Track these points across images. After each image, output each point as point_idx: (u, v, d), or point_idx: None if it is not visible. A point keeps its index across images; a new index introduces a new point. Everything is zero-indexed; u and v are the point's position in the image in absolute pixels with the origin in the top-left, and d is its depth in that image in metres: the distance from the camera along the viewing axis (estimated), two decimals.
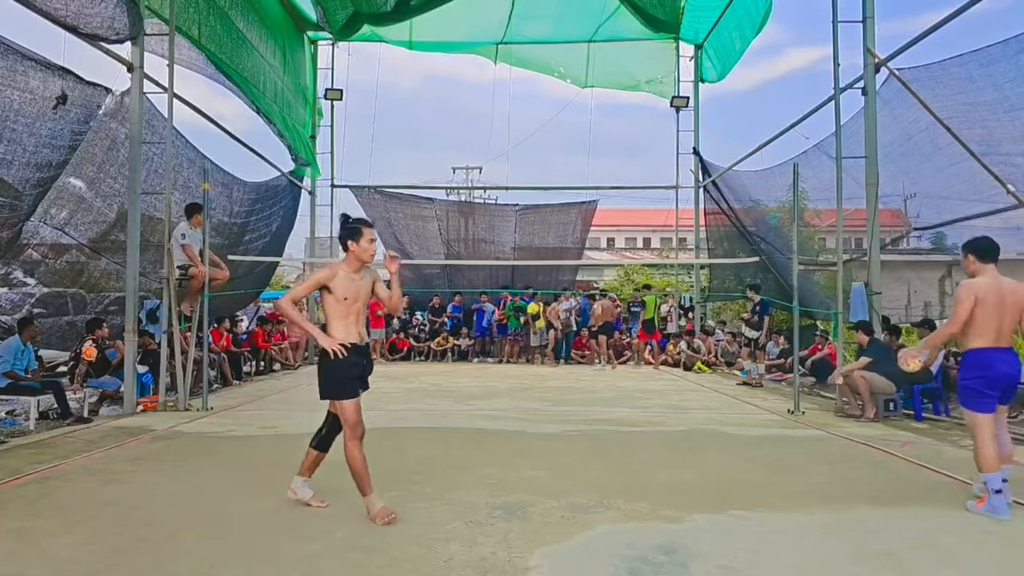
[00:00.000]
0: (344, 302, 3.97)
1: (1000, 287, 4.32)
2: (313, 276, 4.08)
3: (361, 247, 4.01)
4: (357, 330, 4.07)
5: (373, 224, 4.14)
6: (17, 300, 8.31)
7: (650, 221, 35.34)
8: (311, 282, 4.11)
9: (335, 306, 3.99)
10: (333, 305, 4.00)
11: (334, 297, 3.97)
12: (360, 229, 4.02)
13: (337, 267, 4.02)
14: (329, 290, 3.97)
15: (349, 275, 4.00)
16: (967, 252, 4.46)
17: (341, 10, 14.51)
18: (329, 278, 3.96)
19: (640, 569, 3.29)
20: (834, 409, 8.43)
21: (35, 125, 6.91)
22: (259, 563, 3.35)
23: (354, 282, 4.00)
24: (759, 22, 13.15)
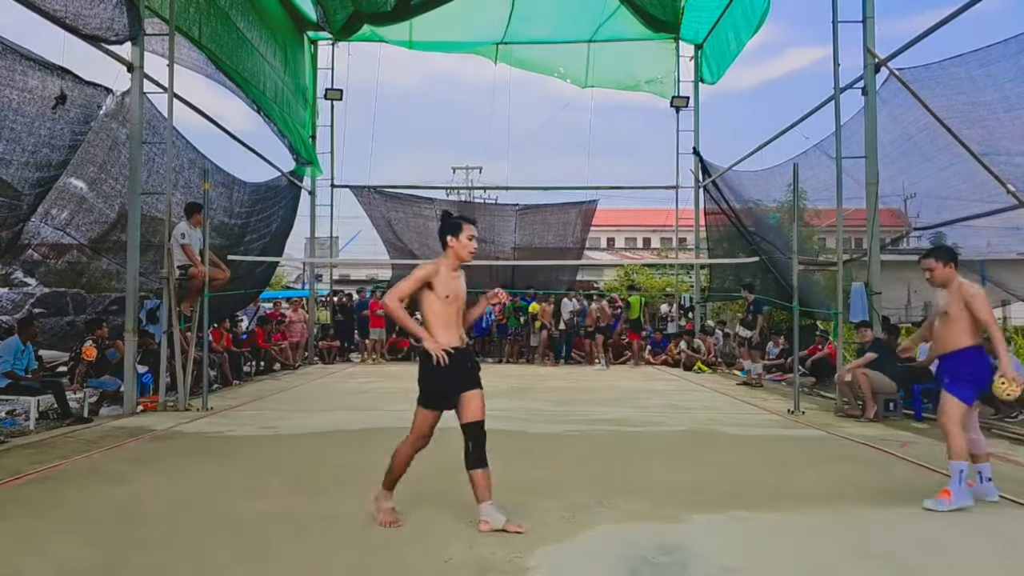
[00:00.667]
0: (446, 300, 3.75)
1: None
2: (416, 272, 3.80)
3: (461, 243, 3.80)
4: (458, 332, 3.87)
5: (475, 221, 3.92)
6: (18, 300, 8.31)
7: (650, 221, 35.34)
8: (415, 278, 3.78)
9: (436, 305, 3.77)
10: (435, 304, 3.77)
11: (435, 295, 3.75)
12: (461, 224, 3.82)
13: (439, 263, 3.81)
14: (431, 287, 3.75)
15: (449, 272, 3.81)
16: (949, 261, 4.51)
17: (341, 10, 14.52)
18: (432, 274, 3.75)
19: (640, 569, 3.29)
20: (834, 409, 8.43)
21: (34, 125, 6.91)
22: (259, 563, 3.35)
23: (455, 280, 3.82)
24: (756, 23, 13.15)
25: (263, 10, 12.70)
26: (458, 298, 3.81)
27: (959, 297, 4.37)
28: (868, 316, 8.74)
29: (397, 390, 10.53)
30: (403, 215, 17.71)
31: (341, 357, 16.13)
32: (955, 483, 4.21)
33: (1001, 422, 7.56)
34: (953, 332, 4.41)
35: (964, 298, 4.34)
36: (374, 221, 17.57)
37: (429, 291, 3.76)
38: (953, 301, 4.39)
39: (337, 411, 8.38)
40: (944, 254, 4.54)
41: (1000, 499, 4.48)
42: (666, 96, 17.01)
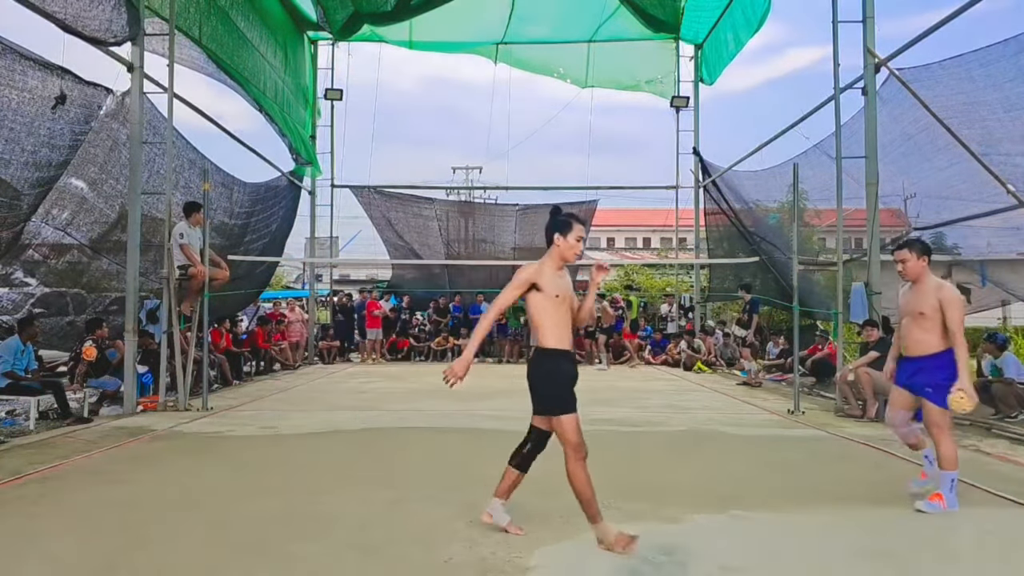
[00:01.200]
0: (556, 300, 3.55)
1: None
2: (520, 275, 3.56)
3: (568, 243, 3.60)
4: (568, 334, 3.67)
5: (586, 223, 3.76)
6: (18, 300, 8.31)
7: (650, 221, 35.34)
8: (519, 282, 3.55)
9: (547, 305, 3.55)
10: (544, 304, 3.55)
11: (545, 295, 3.54)
12: (572, 224, 3.63)
13: (542, 263, 3.62)
14: (539, 288, 3.54)
15: (554, 271, 3.61)
16: (923, 254, 4.39)
17: (341, 10, 14.52)
18: (537, 275, 3.56)
19: (640, 569, 3.29)
20: (834, 409, 8.43)
21: (33, 124, 6.91)
22: (259, 563, 3.35)
23: (561, 279, 3.63)
24: (757, 23, 13.15)
25: (263, 10, 12.70)
26: (567, 297, 3.64)
27: (936, 297, 4.24)
28: (868, 316, 8.74)
29: (397, 390, 10.54)
30: (403, 215, 17.72)
31: (341, 357, 16.14)
32: (947, 490, 4.20)
33: (1001, 422, 7.56)
34: (929, 334, 4.28)
35: (941, 300, 4.21)
36: (374, 221, 17.59)
37: (536, 292, 3.56)
38: (929, 300, 4.25)
39: (337, 411, 8.38)
40: (920, 247, 4.41)
41: (995, 497, 4.49)
42: (666, 96, 17.01)
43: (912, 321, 4.37)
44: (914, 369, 4.39)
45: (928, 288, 4.29)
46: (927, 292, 4.28)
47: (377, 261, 20.02)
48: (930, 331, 4.26)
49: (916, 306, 4.32)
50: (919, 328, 4.32)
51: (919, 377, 4.35)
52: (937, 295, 4.22)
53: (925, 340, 4.29)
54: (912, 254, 4.35)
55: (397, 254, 17.74)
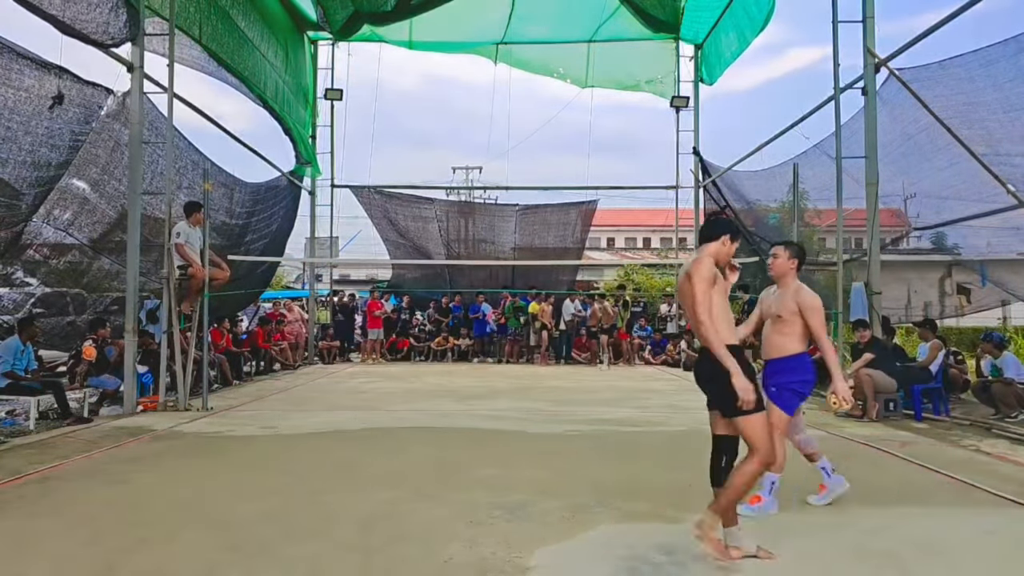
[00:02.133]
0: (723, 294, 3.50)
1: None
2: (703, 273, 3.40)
3: (728, 249, 3.59)
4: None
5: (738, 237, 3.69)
6: (19, 300, 8.31)
7: (650, 221, 35.33)
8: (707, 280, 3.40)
9: (719, 299, 3.44)
10: (716, 299, 3.43)
11: (718, 288, 3.45)
12: (739, 233, 3.70)
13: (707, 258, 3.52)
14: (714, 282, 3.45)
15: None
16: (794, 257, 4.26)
17: (341, 10, 14.52)
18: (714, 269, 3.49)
19: (640, 569, 3.29)
20: (834, 409, 8.42)
21: (31, 123, 6.91)
22: (259, 563, 3.35)
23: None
24: (761, 21, 13.13)
25: (264, 9, 12.71)
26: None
27: (794, 301, 4.12)
28: (868, 316, 8.74)
29: (397, 390, 10.54)
30: (403, 215, 17.73)
31: (341, 357, 16.15)
32: (765, 492, 4.18)
33: (1001, 422, 7.56)
34: (785, 337, 4.17)
35: (800, 304, 4.10)
36: (374, 221, 17.59)
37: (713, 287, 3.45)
38: (787, 304, 4.14)
39: (337, 411, 8.38)
40: (794, 249, 4.32)
41: (995, 497, 4.49)
42: (666, 96, 17.02)
43: (771, 324, 4.27)
44: (771, 372, 4.25)
45: (789, 291, 4.19)
46: (787, 295, 4.18)
47: (377, 261, 20.04)
48: (787, 335, 4.17)
49: (775, 309, 4.22)
50: (776, 332, 4.22)
51: (771, 378, 4.22)
52: (795, 299, 4.13)
53: (781, 343, 4.20)
54: (785, 253, 4.26)
55: (397, 254, 17.74)
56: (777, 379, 4.20)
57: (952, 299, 16.24)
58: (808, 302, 4.11)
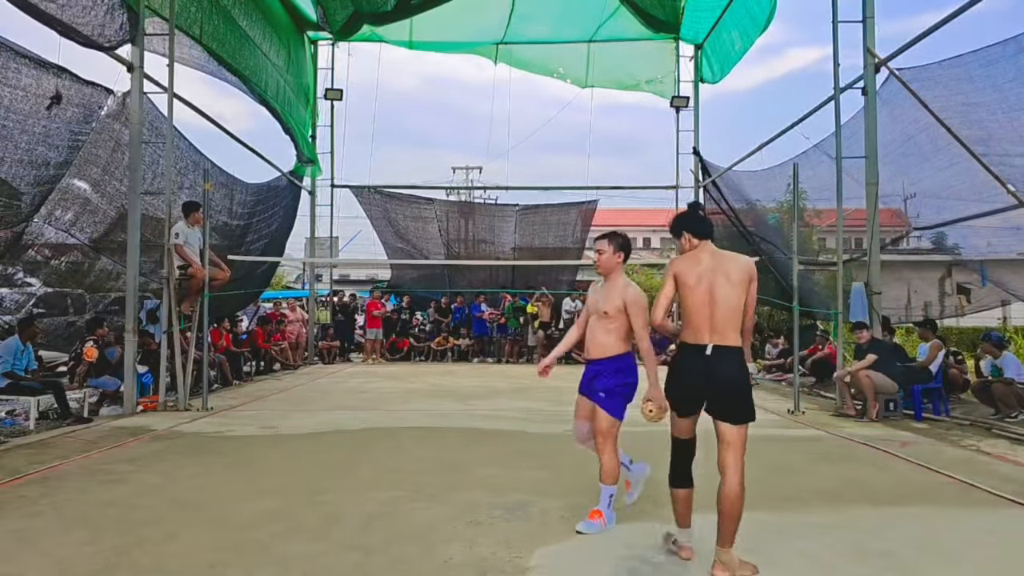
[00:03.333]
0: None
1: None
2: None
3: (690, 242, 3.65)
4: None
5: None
6: (21, 300, 8.32)
7: (650, 221, 35.31)
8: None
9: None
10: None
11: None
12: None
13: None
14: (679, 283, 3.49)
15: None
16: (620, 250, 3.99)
17: (341, 10, 14.51)
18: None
19: (640, 569, 3.30)
20: (834, 409, 8.43)
21: (27, 122, 6.90)
22: (259, 563, 3.35)
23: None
24: (764, 21, 13.13)
25: (265, 9, 12.71)
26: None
27: (620, 297, 3.85)
28: (868, 316, 8.74)
29: (397, 390, 10.54)
30: (403, 215, 17.72)
31: (341, 357, 16.15)
32: (605, 506, 3.89)
33: (1001, 422, 7.56)
34: (610, 335, 3.91)
35: (626, 300, 3.83)
36: (374, 222, 17.58)
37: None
38: (614, 300, 3.86)
39: (337, 411, 8.38)
40: (619, 241, 4.00)
41: (995, 497, 4.49)
42: (666, 96, 17.01)
43: (596, 321, 3.98)
44: (593, 372, 4.00)
45: (616, 287, 3.92)
46: (614, 291, 3.91)
47: (377, 261, 20.04)
48: (612, 332, 3.91)
49: (602, 305, 3.93)
50: (602, 329, 3.95)
51: (596, 381, 3.96)
52: (622, 295, 3.87)
53: (606, 342, 3.94)
54: (610, 247, 3.97)
55: (396, 255, 17.74)
56: (604, 382, 3.92)
57: (952, 299, 16.24)
58: (635, 296, 3.86)
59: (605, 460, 3.91)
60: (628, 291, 3.89)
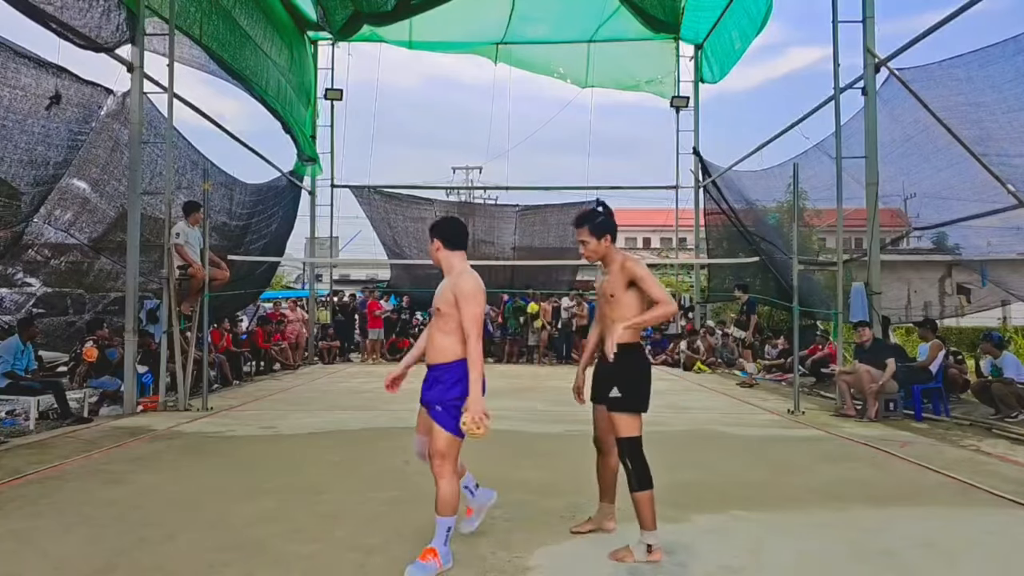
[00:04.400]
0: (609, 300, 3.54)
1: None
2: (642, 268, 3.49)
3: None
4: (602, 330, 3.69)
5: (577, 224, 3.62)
6: (21, 300, 8.32)
7: (650, 221, 35.31)
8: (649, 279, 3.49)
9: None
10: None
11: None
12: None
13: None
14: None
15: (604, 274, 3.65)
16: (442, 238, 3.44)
17: (341, 10, 14.52)
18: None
19: (640, 569, 3.29)
20: (834, 409, 8.43)
21: (26, 122, 6.91)
22: (259, 563, 3.35)
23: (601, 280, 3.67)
24: (760, 21, 13.16)
25: (267, 8, 12.71)
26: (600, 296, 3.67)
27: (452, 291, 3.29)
28: (868, 316, 8.74)
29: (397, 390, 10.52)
30: (403, 215, 17.73)
31: (341, 357, 16.14)
32: (440, 543, 3.24)
33: (1001, 422, 7.56)
34: (448, 336, 3.32)
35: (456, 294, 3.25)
36: (374, 222, 17.59)
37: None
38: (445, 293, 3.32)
39: (337, 411, 8.38)
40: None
41: (995, 497, 4.49)
42: (666, 96, 17.02)
43: (434, 321, 3.43)
44: (431, 380, 3.45)
45: (450, 278, 3.36)
46: (447, 284, 3.35)
47: (377, 261, 20.06)
48: (450, 333, 3.31)
49: (436, 301, 3.38)
50: (439, 329, 3.36)
51: (433, 391, 3.41)
52: (454, 289, 3.27)
53: (443, 345, 3.34)
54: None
55: (396, 255, 17.74)
56: (440, 393, 3.35)
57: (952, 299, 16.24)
58: (465, 288, 3.25)
59: (442, 487, 3.26)
60: (461, 281, 3.27)
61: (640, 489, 3.43)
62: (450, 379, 3.32)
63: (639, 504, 3.42)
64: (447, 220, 3.59)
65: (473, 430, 3.16)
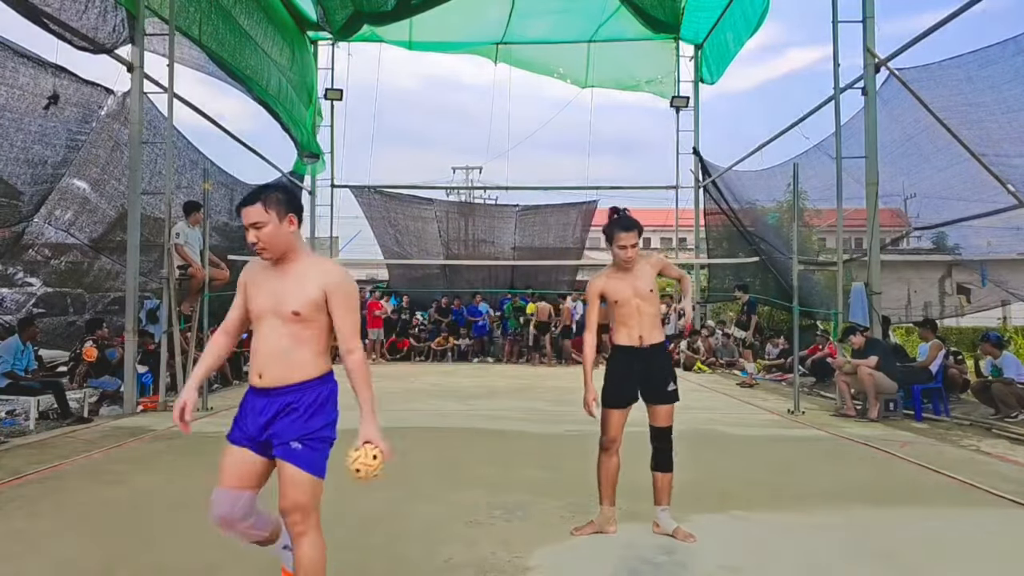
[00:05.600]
0: (617, 306, 3.76)
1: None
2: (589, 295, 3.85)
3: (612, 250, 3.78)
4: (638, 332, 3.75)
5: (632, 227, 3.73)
6: (21, 300, 8.32)
7: (650, 221, 35.24)
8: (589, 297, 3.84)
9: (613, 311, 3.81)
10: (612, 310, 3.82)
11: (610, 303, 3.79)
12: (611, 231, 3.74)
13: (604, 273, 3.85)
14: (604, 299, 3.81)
15: (617, 278, 3.78)
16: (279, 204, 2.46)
17: (341, 9, 14.53)
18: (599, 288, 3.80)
19: (640, 569, 3.29)
20: (834, 409, 8.43)
21: (23, 121, 6.91)
22: (259, 563, 3.35)
23: (621, 281, 3.76)
24: (756, 23, 13.18)
25: (267, 8, 12.72)
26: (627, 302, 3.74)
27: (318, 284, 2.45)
28: (868, 316, 8.74)
29: (397, 390, 10.53)
30: (403, 215, 17.73)
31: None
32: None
33: (1001, 422, 7.56)
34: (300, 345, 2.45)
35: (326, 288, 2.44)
36: (373, 222, 17.58)
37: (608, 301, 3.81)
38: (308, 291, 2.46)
39: None
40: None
41: (995, 497, 4.49)
42: (666, 96, 17.03)
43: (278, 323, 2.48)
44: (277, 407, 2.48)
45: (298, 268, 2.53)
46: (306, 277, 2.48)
47: (377, 261, 20.04)
48: (305, 342, 2.45)
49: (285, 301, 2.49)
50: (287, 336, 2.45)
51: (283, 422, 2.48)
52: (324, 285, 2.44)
53: (298, 359, 2.45)
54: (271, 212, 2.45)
55: (395, 257, 17.74)
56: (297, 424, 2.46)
57: (952, 299, 16.24)
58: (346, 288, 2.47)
59: (305, 549, 2.51)
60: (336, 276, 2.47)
61: (671, 470, 3.80)
62: (309, 404, 2.47)
63: (669, 483, 3.78)
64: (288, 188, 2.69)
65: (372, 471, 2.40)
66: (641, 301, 3.74)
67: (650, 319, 3.75)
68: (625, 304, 3.75)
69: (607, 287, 3.78)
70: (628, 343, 3.76)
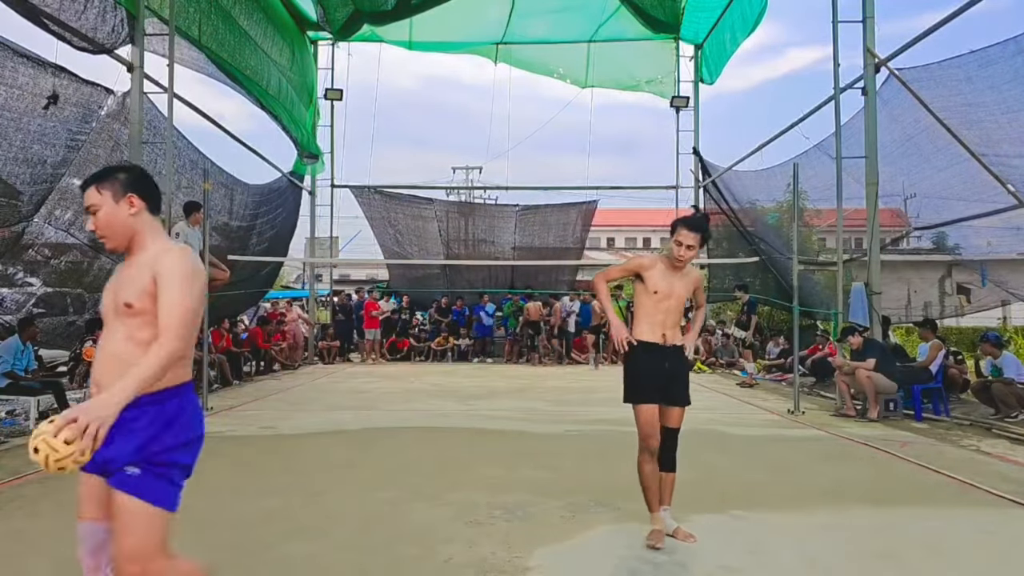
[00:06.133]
0: (654, 296, 3.71)
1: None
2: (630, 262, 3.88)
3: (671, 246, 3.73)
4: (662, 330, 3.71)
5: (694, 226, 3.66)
6: (21, 300, 8.32)
7: (650, 221, 35.32)
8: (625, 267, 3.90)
9: (643, 299, 3.77)
10: (642, 298, 3.78)
11: (645, 288, 3.74)
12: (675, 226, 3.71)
13: (657, 258, 3.81)
14: (642, 280, 3.75)
15: (665, 270, 3.73)
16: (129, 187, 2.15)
17: (341, 8, 14.53)
18: (645, 267, 3.76)
19: (640, 569, 3.29)
20: (834, 409, 8.43)
21: (22, 120, 6.90)
22: (259, 563, 3.35)
23: (667, 277, 3.72)
24: (752, 23, 13.19)
25: (267, 8, 12.71)
26: (669, 296, 3.70)
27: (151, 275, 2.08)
28: (868, 316, 8.74)
29: (397, 390, 10.54)
30: (403, 215, 17.73)
31: (341, 357, 16.14)
32: None
33: (1001, 422, 7.56)
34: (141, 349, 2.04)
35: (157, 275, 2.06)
36: (373, 222, 17.57)
37: (640, 283, 3.78)
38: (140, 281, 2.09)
39: (337, 411, 8.38)
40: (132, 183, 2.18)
41: (995, 497, 4.49)
42: (666, 96, 17.03)
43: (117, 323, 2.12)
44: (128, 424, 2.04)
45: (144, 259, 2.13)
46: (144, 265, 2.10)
47: (377, 261, 20.06)
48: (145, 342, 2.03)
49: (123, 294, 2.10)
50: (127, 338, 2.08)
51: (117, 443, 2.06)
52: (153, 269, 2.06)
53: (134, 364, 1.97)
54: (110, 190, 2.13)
55: (395, 257, 17.74)
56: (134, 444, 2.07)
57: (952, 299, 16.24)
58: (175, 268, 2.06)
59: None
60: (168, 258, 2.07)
61: (675, 470, 3.79)
62: (153, 419, 2.05)
63: (671, 483, 3.78)
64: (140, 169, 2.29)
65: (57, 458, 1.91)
66: (674, 303, 3.74)
67: (674, 322, 3.76)
68: (663, 298, 3.69)
69: (653, 272, 3.72)
70: (652, 339, 3.68)
